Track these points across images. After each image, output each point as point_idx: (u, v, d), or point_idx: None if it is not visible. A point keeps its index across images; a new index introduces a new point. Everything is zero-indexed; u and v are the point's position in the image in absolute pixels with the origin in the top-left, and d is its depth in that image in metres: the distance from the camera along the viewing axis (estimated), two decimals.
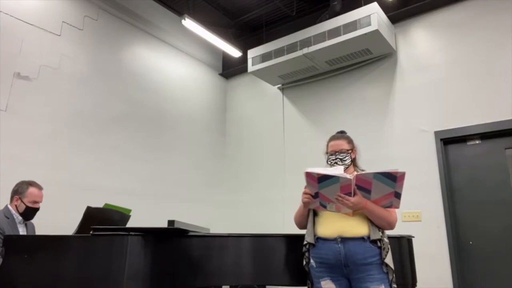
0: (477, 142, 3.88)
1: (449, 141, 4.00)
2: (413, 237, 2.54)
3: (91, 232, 1.82)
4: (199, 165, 5.32)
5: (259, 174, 5.32)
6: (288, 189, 4.95)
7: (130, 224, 2.53)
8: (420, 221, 3.87)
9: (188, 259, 1.89)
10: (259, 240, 2.03)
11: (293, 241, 2.07)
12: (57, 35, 3.90)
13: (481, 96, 3.83)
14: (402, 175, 1.71)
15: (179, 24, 4.68)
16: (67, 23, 4.02)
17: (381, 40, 4.13)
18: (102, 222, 2.12)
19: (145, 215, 3.91)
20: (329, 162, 2.11)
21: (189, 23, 4.51)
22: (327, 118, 4.86)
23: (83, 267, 1.80)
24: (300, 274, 2.02)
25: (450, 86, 4.03)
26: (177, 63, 5.30)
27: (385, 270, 1.80)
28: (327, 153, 2.15)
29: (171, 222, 2.02)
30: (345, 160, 2.06)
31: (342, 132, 2.23)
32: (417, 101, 4.21)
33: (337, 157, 2.07)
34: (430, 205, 3.86)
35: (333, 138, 2.17)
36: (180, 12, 4.82)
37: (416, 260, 2.52)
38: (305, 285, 2.03)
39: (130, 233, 1.80)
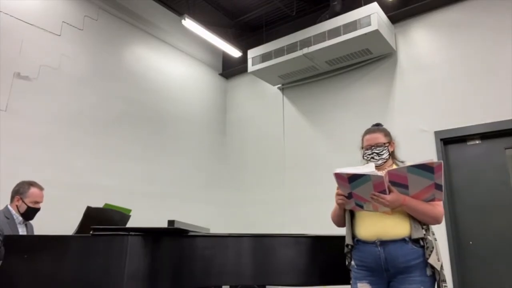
0: (477, 142, 3.88)
1: (449, 141, 4.00)
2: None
3: (91, 232, 1.82)
4: (199, 165, 5.32)
5: (259, 174, 5.32)
6: (288, 189, 4.95)
7: (130, 224, 2.53)
8: None
9: (188, 259, 1.89)
10: (259, 240, 2.03)
11: (294, 241, 2.07)
12: (57, 35, 3.90)
13: (481, 96, 3.82)
14: (439, 165, 1.59)
15: (179, 24, 4.68)
16: (67, 23, 4.02)
17: (381, 40, 4.13)
18: (102, 222, 2.12)
19: (145, 215, 3.91)
20: (365, 158, 1.97)
21: (189, 23, 4.51)
22: (327, 118, 4.86)
23: (83, 267, 1.80)
24: (300, 274, 2.02)
25: (450, 86, 4.03)
26: (177, 63, 5.30)
27: (428, 272, 1.68)
28: (362, 148, 2.01)
29: (171, 222, 2.03)
30: (382, 155, 1.93)
31: (378, 124, 2.09)
32: (417, 101, 4.21)
33: (373, 151, 1.94)
34: None
35: (368, 131, 2.04)
36: (180, 12, 4.82)
37: None
38: (304, 285, 2.03)
39: (130, 233, 1.80)
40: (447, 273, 3.62)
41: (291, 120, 5.22)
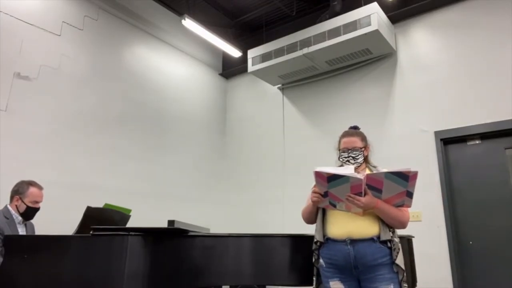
0: (477, 142, 3.88)
1: (449, 141, 4.00)
2: (413, 237, 2.55)
3: (91, 232, 1.82)
4: (199, 165, 5.32)
5: (259, 174, 5.32)
6: (288, 189, 4.95)
7: (130, 224, 2.53)
8: (420, 221, 3.87)
9: (188, 259, 1.89)
10: (259, 240, 2.03)
11: (293, 241, 2.07)
12: (57, 35, 3.90)
13: (481, 96, 3.83)
14: (415, 174, 1.68)
15: (179, 24, 4.68)
16: (67, 23, 4.02)
17: (381, 40, 4.13)
18: (102, 222, 2.12)
19: (145, 215, 3.91)
20: (341, 159, 2.02)
21: (189, 23, 4.51)
22: (327, 118, 4.86)
23: (83, 267, 1.80)
24: (300, 274, 2.02)
25: (450, 86, 4.03)
26: (177, 63, 5.30)
27: (395, 270, 1.77)
28: (339, 149, 2.06)
29: (171, 222, 2.03)
30: (358, 158, 1.99)
31: (355, 127, 2.14)
32: (417, 101, 4.21)
33: (349, 155, 1.99)
34: (430, 205, 3.86)
35: (346, 134, 2.08)
36: (180, 12, 4.82)
37: (416, 260, 2.53)
38: (304, 285, 2.03)
39: (130, 233, 1.80)
40: (447, 273, 3.62)
41: (291, 120, 5.22)
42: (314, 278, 1.95)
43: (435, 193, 3.86)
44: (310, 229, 2.12)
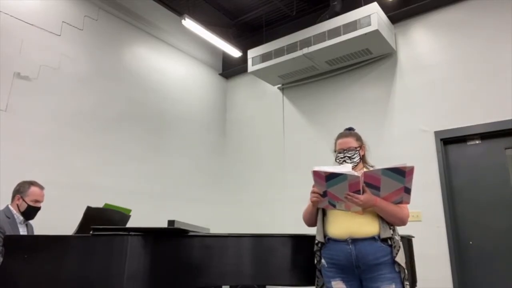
0: (477, 142, 3.88)
1: (449, 141, 4.00)
2: (413, 237, 2.55)
3: (91, 232, 1.82)
4: (199, 165, 5.32)
5: (259, 174, 5.32)
6: (288, 189, 4.95)
7: (130, 224, 2.53)
8: (420, 221, 3.87)
9: (188, 259, 1.89)
10: (259, 240, 2.03)
11: (293, 241, 2.07)
12: (57, 35, 3.90)
13: (481, 96, 3.83)
14: (411, 169, 1.69)
15: (179, 24, 4.68)
16: (67, 23, 4.02)
17: (381, 40, 4.13)
18: (102, 222, 2.12)
19: (145, 215, 3.91)
20: (338, 161, 2.06)
21: (189, 23, 4.51)
22: (327, 118, 4.86)
23: (83, 267, 1.80)
24: (300, 274, 2.02)
25: (450, 86, 4.03)
26: (177, 63, 5.30)
27: (397, 269, 1.77)
28: (335, 151, 2.11)
29: (171, 222, 2.02)
30: (354, 158, 2.02)
31: (350, 129, 2.19)
32: (417, 101, 4.21)
33: (345, 155, 2.04)
34: (430, 205, 3.86)
35: (340, 136, 2.13)
36: (180, 12, 4.82)
37: (416, 260, 2.53)
38: (304, 285, 2.03)
39: (130, 233, 1.80)
40: (447, 273, 3.63)
41: (291, 120, 5.22)
42: (317, 279, 1.95)
43: (435, 193, 3.86)
44: (310, 229, 2.12)
